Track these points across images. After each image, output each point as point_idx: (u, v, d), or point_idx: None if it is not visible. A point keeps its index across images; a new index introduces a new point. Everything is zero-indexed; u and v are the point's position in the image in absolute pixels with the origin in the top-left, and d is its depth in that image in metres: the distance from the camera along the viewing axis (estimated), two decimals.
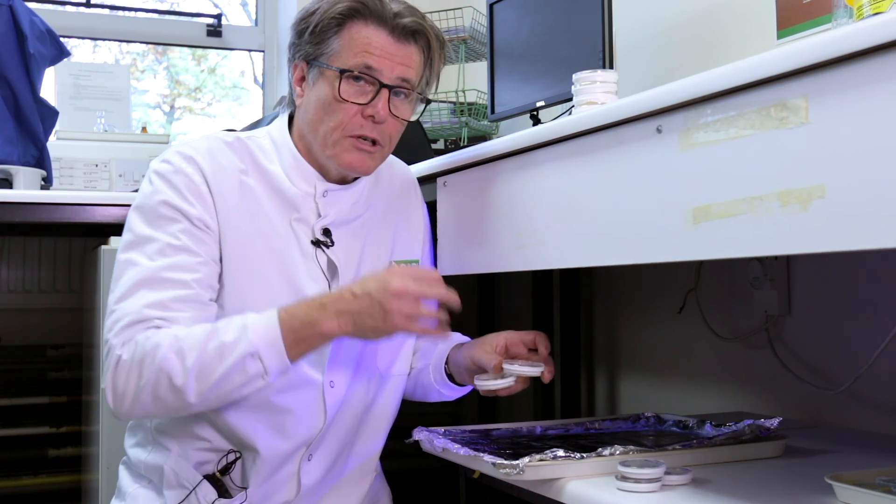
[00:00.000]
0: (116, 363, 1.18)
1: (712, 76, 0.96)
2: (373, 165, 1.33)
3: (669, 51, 2.01)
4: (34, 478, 2.38)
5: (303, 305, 1.20)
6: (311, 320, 1.18)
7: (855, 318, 1.50)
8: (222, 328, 1.18)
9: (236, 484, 1.31)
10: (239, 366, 1.15)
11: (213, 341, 1.16)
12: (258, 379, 1.17)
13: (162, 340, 1.16)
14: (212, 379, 1.16)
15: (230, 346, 1.16)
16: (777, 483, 1.10)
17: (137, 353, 1.17)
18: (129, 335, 1.18)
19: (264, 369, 1.16)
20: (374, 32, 1.28)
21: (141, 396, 1.17)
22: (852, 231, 0.81)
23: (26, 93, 2.23)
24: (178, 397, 1.17)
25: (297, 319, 1.18)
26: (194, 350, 1.15)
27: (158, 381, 1.16)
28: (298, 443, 1.32)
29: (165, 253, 1.23)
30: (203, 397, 1.17)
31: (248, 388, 1.18)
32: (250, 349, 1.15)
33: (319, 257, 1.34)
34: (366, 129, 1.29)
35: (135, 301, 1.20)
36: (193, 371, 1.15)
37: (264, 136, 1.38)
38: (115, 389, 1.19)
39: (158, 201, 1.26)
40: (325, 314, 1.18)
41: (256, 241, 1.30)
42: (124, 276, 1.23)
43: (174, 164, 1.29)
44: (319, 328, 1.18)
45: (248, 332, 1.16)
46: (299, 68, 1.34)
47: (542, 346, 1.33)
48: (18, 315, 2.53)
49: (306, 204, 1.35)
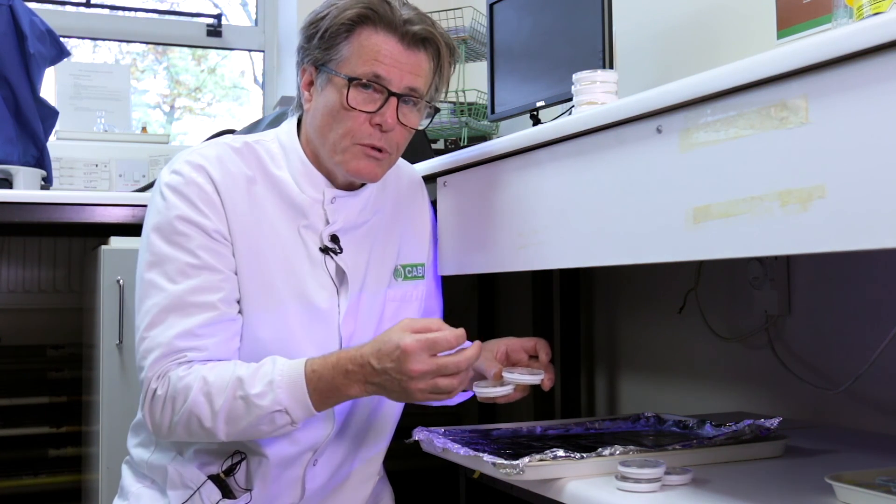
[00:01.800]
0: (152, 396, 1.23)
1: (712, 76, 0.96)
2: (380, 173, 1.32)
3: (669, 51, 2.01)
4: (34, 478, 2.39)
5: (329, 368, 1.20)
6: (336, 386, 1.19)
7: (855, 318, 1.50)
8: (247, 378, 1.20)
9: (240, 485, 1.31)
10: (267, 418, 1.20)
11: (240, 391, 1.19)
12: (287, 426, 1.22)
13: (192, 383, 1.20)
14: (240, 426, 1.21)
15: (257, 398, 1.19)
16: (777, 483, 1.10)
17: (170, 391, 1.21)
18: (163, 369, 1.22)
19: (291, 420, 1.20)
20: (383, 40, 1.27)
21: (176, 430, 1.24)
22: (852, 231, 0.81)
23: (26, 93, 2.23)
24: (209, 435, 1.23)
25: (324, 382, 1.20)
26: (221, 396, 1.19)
27: (190, 420, 1.21)
28: (305, 448, 1.32)
29: (188, 274, 1.24)
30: (233, 437, 1.23)
31: (277, 433, 1.23)
32: (277, 407, 1.19)
33: (328, 264, 1.34)
34: (374, 138, 1.28)
35: (164, 330, 1.22)
36: (221, 416, 1.20)
37: (273, 139, 1.37)
38: (152, 419, 1.25)
39: (174, 217, 1.26)
40: (352, 381, 1.19)
41: (265, 249, 1.30)
42: (149, 300, 1.25)
43: (185, 174, 1.28)
44: (346, 393, 1.20)
45: (276, 389, 1.19)
46: (308, 73, 1.32)
47: (542, 353, 1.33)
48: (18, 315, 2.53)
49: (314, 210, 1.34)
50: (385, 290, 1.40)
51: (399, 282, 1.43)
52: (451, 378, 1.16)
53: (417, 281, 1.45)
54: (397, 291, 1.42)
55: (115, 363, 1.81)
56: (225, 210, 1.28)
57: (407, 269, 1.44)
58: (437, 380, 1.15)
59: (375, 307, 1.38)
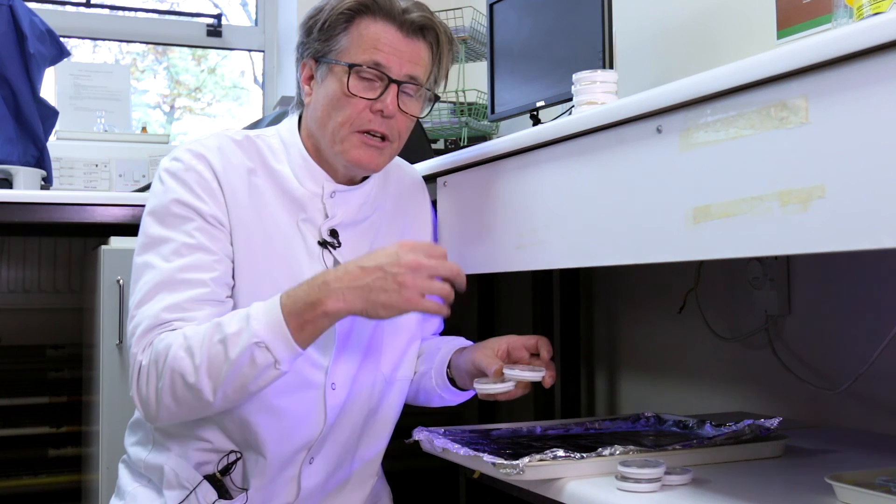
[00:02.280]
0: (138, 370, 1.20)
1: (712, 76, 0.96)
2: (382, 162, 1.32)
3: (669, 51, 2.01)
4: (34, 478, 2.39)
5: (304, 286, 1.17)
6: (313, 301, 1.15)
7: (855, 318, 1.50)
8: (226, 321, 1.17)
9: (237, 485, 1.31)
10: (247, 357, 1.14)
11: (217, 334, 1.16)
12: (270, 369, 1.15)
13: (173, 340, 1.17)
14: (222, 373, 1.15)
15: (233, 337, 1.14)
16: (777, 483, 1.10)
17: (153, 355, 1.18)
18: (148, 340, 1.20)
19: (274, 359, 1.15)
20: (382, 28, 1.28)
21: (163, 400, 1.18)
22: (852, 231, 0.81)
23: (26, 93, 2.23)
24: (195, 396, 1.17)
25: (300, 302, 1.15)
26: (202, 347, 1.15)
27: (174, 381, 1.16)
28: (299, 445, 1.32)
29: (181, 253, 1.23)
30: (220, 394, 1.17)
31: (262, 380, 1.17)
32: (254, 339, 1.14)
33: (326, 258, 1.34)
34: (374, 124, 1.29)
35: (153, 305, 1.21)
36: (203, 367, 1.15)
37: (273, 134, 1.38)
38: (139, 395, 1.20)
39: (171, 200, 1.26)
40: (330, 292, 1.14)
41: (263, 241, 1.30)
42: (142, 280, 1.24)
43: (185, 161, 1.28)
44: (324, 308, 1.14)
45: (251, 322, 1.15)
46: (308, 67, 1.33)
47: (544, 350, 1.33)
48: (18, 315, 2.53)
49: (314, 204, 1.34)
50: None
51: None
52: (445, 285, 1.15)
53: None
54: None
55: (115, 363, 1.81)
56: (224, 198, 1.28)
57: None
58: (433, 280, 1.15)
59: None
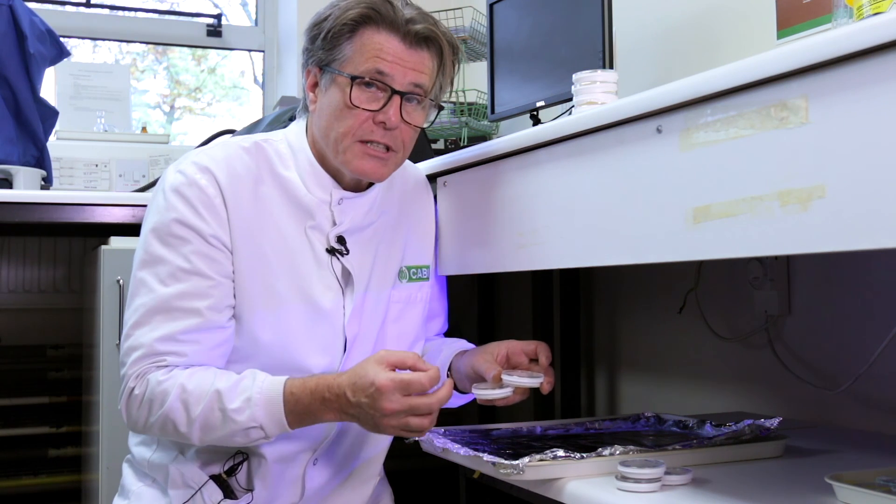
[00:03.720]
0: (129, 394, 1.26)
1: (712, 76, 0.96)
2: (386, 172, 1.32)
3: (669, 51, 2.01)
4: (34, 478, 2.39)
5: (307, 393, 1.22)
6: (312, 411, 1.22)
7: (855, 318, 1.50)
8: (227, 393, 1.21)
9: (241, 485, 1.31)
10: (242, 433, 1.23)
11: (218, 403, 1.21)
12: (260, 440, 1.25)
13: (170, 389, 1.22)
14: (215, 435, 1.23)
15: (234, 413, 1.21)
16: (777, 483, 1.10)
17: (148, 393, 1.23)
18: (142, 370, 1.24)
19: (265, 435, 1.23)
20: (386, 38, 1.27)
21: (151, 430, 1.27)
22: (852, 231, 0.81)
23: (26, 93, 2.22)
24: (184, 439, 1.26)
25: (301, 406, 1.22)
26: (199, 406, 1.21)
27: (165, 424, 1.24)
28: (305, 447, 1.32)
29: (178, 277, 1.25)
30: (207, 443, 1.26)
31: (249, 443, 1.26)
32: (253, 423, 1.22)
33: (334, 265, 1.34)
34: (376, 135, 1.28)
35: (148, 332, 1.24)
36: (197, 423, 1.22)
37: (281, 139, 1.37)
38: (129, 415, 1.28)
39: (171, 219, 1.26)
40: (326, 409, 1.21)
41: (269, 251, 1.30)
42: (138, 300, 1.26)
43: (189, 175, 1.28)
44: (322, 418, 1.23)
45: (253, 407, 1.21)
46: (312, 74, 1.33)
47: (542, 356, 1.33)
48: (18, 315, 2.53)
49: (321, 211, 1.34)
50: (389, 292, 1.40)
51: (404, 283, 1.43)
52: (422, 418, 1.18)
53: (422, 283, 1.45)
54: (402, 293, 1.42)
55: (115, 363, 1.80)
56: (228, 213, 1.28)
57: (412, 270, 1.44)
58: (408, 419, 1.17)
59: (380, 308, 1.38)
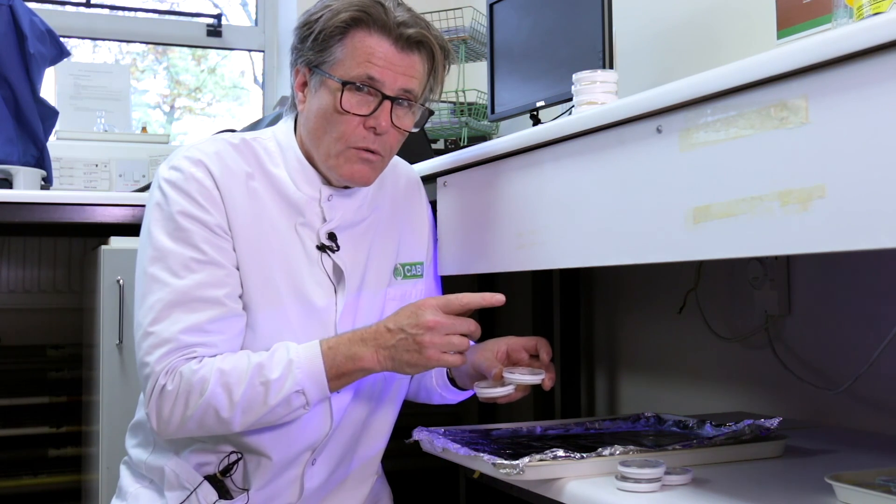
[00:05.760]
0: (161, 392, 1.21)
1: (712, 76, 0.96)
2: (373, 177, 1.33)
3: (669, 51, 2.01)
4: (34, 478, 2.39)
5: (344, 339, 1.24)
6: (352, 355, 1.22)
7: (855, 318, 1.50)
8: (267, 364, 1.21)
9: (237, 486, 1.31)
10: (284, 402, 1.21)
11: (259, 377, 1.20)
12: (299, 410, 1.23)
13: (208, 375, 1.20)
14: (258, 413, 1.21)
15: (277, 383, 1.20)
16: (777, 483, 1.10)
17: (183, 385, 1.20)
18: (171, 364, 1.21)
19: (307, 402, 1.22)
20: (377, 42, 1.26)
21: (187, 425, 1.22)
22: (852, 231, 0.81)
23: (26, 93, 2.23)
24: (223, 427, 1.23)
25: (340, 354, 1.22)
26: (241, 385, 1.20)
27: (206, 413, 1.21)
28: (303, 447, 1.32)
29: (192, 268, 1.23)
30: (246, 426, 1.23)
31: (288, 417, 1.25)
32: (297, 387, 1.21)
33: (325, 262, 1.34)
34: (367, 141, 1.28)
35: (170, 326, 1.21)
36: (240, 405, 1.20)
37: (270, 137, 1.37)
38: (159, 415, 1.23)
39: (175, 212, 1.25)
40: (366, 348, 1.22)
41: (263, 246, 1.29)
42: (153, 296, 1.23)
43: (184, 170, 1.27)
44: (361, 363, 1.22)
45: (294, 369, 1.21)
46: (301, 73, 1.32)
47: (543, 352, 1.33)
48: (18, 315, 2.53)
49: (311, 208, 1.34)
50: (385, 289, 1.40)
51: (399, 280, 1.43)
52: (463, 338, 1.20)
53: (416, 280, 1.45)
54: (397, 290, 1.42)
55: (115, 363, 1.81)
56: (225, 205, 1.27)
57: (406, 267, 1.44)
58: (451, 337, 1.19)
59: (375, 306, 1.38)
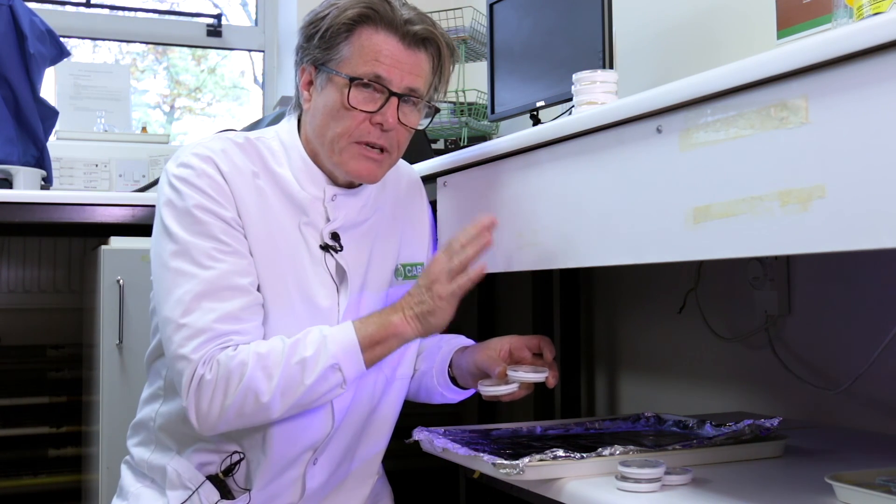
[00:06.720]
0: (199, 382, 1.19)
1: (712, 76, 0.96)
2: (380, 174, 1.33)
3: (669, 51, 2.01)
4: (34, 478, 2.39)
5: (374, 313, 1.27)
6: (383, 322, 1.25)
7: (855, 318, 1.50)
8: (301, 343, 1.22)
9: (239, 485, 1.31)
10: (321, 378, 1.21)
11: (294, 356, 1.21)
12: (336, 388, 1.23)
13: (247, 359, 1.19)
14: (297, 394, 1.21)
15: (312, 360, 1.21)
16: (777, 483, 1.10)
17: (222, 373, 1.19)
18: (209, 353, 1.20)
19: (343, 378, 1.22)
20: (384, 39, 1.27)
21: (226, 415, 1.21)
22: (852, 231, 0.81)
23: (26, 93, 2.23)
24: (262, 413, 1.21)
25: (372, 323, 1.25)
26: (278, 367, 1.20)
27: (245, 399, 1.19)
28: (305, 447, 1.32)
29: (216, 258, 1.23)
30: (286, 411, 1.22)
31: (325, 399, 1.24)
32: (331, 361, 1.21)
33: (328, 262, 1.34)
34: (373, 136, 1.28)
35: (203, 316, 1.20)
36: (279, 387, 1.19)
37: (273, 136, 1.37)
38: (198, 408, 1.21)
39: (191, 206, 1.25)
40: (395, 314, 1.25)
41: (270, 244, 1.29)
42: (179, 289, 1.22)
43: (194, 166, 1.27)
44: (392, 328, 1.25)
45: (328, 344, 1.21)
46: (307, 72, 1.32)
47: (546, 350, 1.34)
48: (18, 315, 2.53)
49: (315, 208, 1.34)
50: (386, 290, 1.40)
51: (400, 281, 1.43)
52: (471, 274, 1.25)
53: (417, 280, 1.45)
54: (398, 290, 1.42)
55: (115, 363, 1.81)
56: (235, 201, 1.28)
57: (407, 268, 1.44)
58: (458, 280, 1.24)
59: (376, 306, 1.38)
